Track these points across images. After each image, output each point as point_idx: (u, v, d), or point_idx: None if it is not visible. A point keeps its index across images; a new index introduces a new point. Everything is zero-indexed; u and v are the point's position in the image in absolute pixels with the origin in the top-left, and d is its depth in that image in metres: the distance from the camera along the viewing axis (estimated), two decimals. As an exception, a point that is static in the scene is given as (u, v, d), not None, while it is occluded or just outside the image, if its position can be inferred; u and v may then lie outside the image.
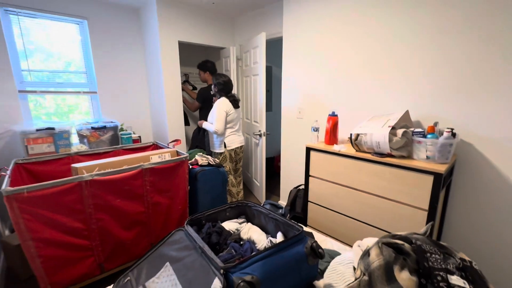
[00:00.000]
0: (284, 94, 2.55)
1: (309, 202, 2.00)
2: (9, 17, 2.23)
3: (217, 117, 2.33)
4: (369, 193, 1.57)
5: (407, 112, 1.61)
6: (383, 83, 1.80)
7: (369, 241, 1.07)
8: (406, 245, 0.84)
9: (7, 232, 2.20)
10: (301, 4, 2.21)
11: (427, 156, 1.38)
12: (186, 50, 3.36)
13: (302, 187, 2.37)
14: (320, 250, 0.99)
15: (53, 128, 2.11)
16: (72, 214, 1.40)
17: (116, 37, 2.80)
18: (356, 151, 1.65)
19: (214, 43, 3.07)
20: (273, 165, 4.03)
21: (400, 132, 1.44)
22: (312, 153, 1.89)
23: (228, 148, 2.45)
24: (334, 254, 1.23)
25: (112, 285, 1.08)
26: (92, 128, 2.33)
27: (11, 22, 2.25)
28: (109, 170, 1.50)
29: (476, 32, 1.39)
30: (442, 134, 1.38)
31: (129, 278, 1.09)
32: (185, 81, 3.43)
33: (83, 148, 2.26)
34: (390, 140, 1.43)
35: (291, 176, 2.66)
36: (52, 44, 2.49)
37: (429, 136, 1.38)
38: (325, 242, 1.38)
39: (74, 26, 2.58)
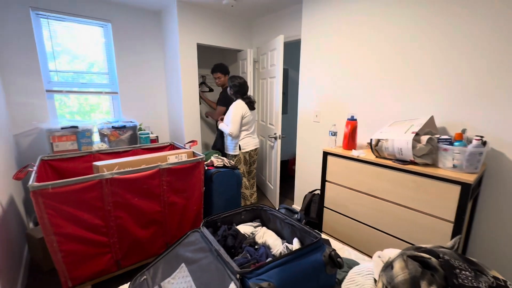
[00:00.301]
0: (301, 97, 2.52)
1: (324, 208, 1.95)
2: (39, 20, 2.35)
3: (232, 120, 2.34)
4: (389, 201, 1.51)
5: (431, 118, 1.54)
6: (404, 88, 1.74)
7: (391, 252, 1.02)
8: (433, 260, 0.80)
9: (31, 225, 2.31)
10: (321, 7, 2.18)
11: (454, 165, 1.30)
12: (203, 52, 3.40)
13: (317, 192, 2.32)
14: (339, 259, 0.95)
15: (76, 127, 2.20)
16: (92, 211, 1.44)
17: (138, 40, 2.88)
18: (376, 157, 1.59)
19: (231, 46, 3.09)
20: (286, 168, 4.00)
21: (424, 138, 1.37)
22: (329, 157, 1.85)
23: (242, 151, 2.45)
24: (351, 264, 1.19)
25: (129, 283, 1.09)
26: (113, 127, 2.41)
27: (41, 25, 2.37)
28: (129, 169, 1.54)
29: (504, 38, 1.31)
30: (470, 142, 1.30)
31: (145, 277, 1.10)
32: (202, 83, 3.47)
33: (104, 146, 2.33)
34: (413, 147, 1.36)
35: (306, 180, 2.61)
36: (77, 46, 2.60)
37: (456, 143, 1.31)
38: (342, 250, 1.33)
39: (98, 29, 2.68)
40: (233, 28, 3.07)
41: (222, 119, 2.60)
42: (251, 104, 2.44)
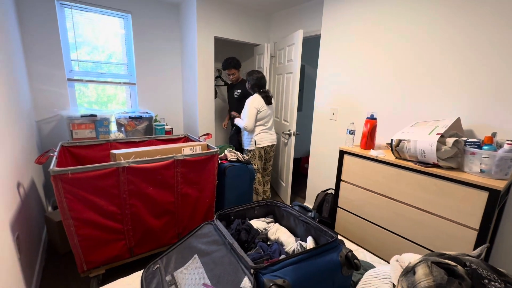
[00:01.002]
0: (317, 94, 2.47)
1: (338, 208, 1.91)
2: (63, 11, 2.41)
3: (247, 114, 2.33)
4: (408, 204, 1.46)
5: (458, 120, 1.46)
6: (426, 89, 1.66)
7: (410, 257, 0.98)
8: (460, 268, 0.75)
9: (49, 209, 2.39)
10: (343, 2, 2.11)
11: (481, 170, 1.23)
12: (219, 46, 3.39)
13: (331, 191, 2.27)
14: (356, 260, 0.92)
15: (95, 115, 2.25)
16: (108, 198, 1.46)
17: (157, 31, 2.90)
18: (396, 158, 1.53)
19: (249, 40, 3.06)
20: (299, 166, 3.95)
21: (450, 141, 1.30)
22: (345, 156, 1.80)
23: (258, 146, 2.43)
24: (367, 266, 1.16)
25: (142, 271, 1.11)
26: (130, 117, 2.44)
27: (65, 16, 2.42)
28: (145, 159, 1.55)
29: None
30: (501, 146, 1.23)
31: (158, 265, 1.11)
32: (218, 77, 3.47)
33: (121, 135, 2.38)
34: (438, 149, 1.30)
35: (319, 179, 2.57)
36: (97, 37, 2.65)
37: (485, 147, 1.24)
38: (356, 252, 1.30)
39: (118, 20, 2.72)
40: (251, 22, 3.03)
41: (234, 115, 2.63)
42: (267, 99, 2.40)
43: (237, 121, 2.50)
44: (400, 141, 1.48)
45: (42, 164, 1.48)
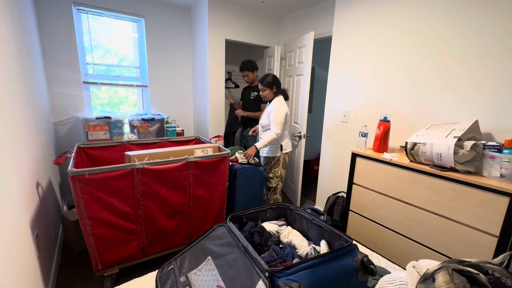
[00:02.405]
0: (328, 96, 2.45)
1: (350, 211, 1.89)
2: (80, 15, 2.48)
3: (279, 120, 2.09)
4: (424, 209, 1.42)
5: (476, 122, 1.42)
6: (443, 90, 1.62)
7: (428, 264, 0.96)
8: (482, 276, 0.73)
9: (65, 208, 2.46)
10: (355, 4, 2.09)
11: (501, 174, 1.20)
12: (230, 48, 3.42)
13: (342, 194, 2.25)
14: (372, 266, 0.91)
15: (109, 118, 2.30)
16: (123, 198, 1.49)
17: (169, 35, 2.95)
18: (411, 161, 1.50)
19: (259, 42, 3.07)
20: (308, 168, 3.93)
21: (468, 144, 1.27)
22: (358, 159, 1.78)
23: (284, 151, 2.25)
24: (382, 272, 1.14)
25: (157, 271, 1.12)
26: (142, 119, 2.49)
27: (81, 20, 2.50)
28: (158, 160, 1.58)
29: None
30: (523, 150, 1.19)
31: (172, 266, 1.12)
32: (228, 79, 3.49)
33: (134, 137, 2.42)
34: (455, 153, 1.27)
35: (329, 182, 2.54)
36: (110, 41, 2.71)
37: (505, 151, 1.20)
38: (371, 257, 1.27)
39: (131, 24, 2.78)
40: (261, 25, 3.04)
41: (253, 132, 2.39)
42: (287, 98, 2.25)
43: (262, 143, 2.13)
44: (415, 144, 1.45)
45: (60, 164, 1.52)
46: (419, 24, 1.71)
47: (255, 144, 2.14)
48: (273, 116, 2.11)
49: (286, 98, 2.26)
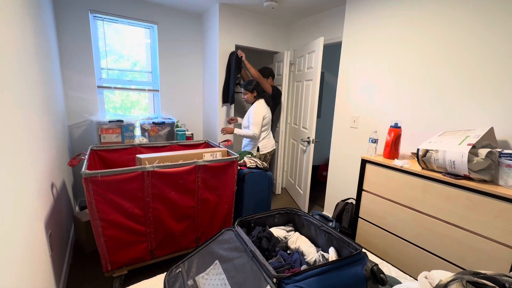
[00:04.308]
0: (338, 101, 2.44)
1: (359, 218, 1.86)
2: (96, 22, 2.57)
3: (256, 121, 2.38)
4: (436, 218, 1.39)
5: (491, 130, 1.39)
6: (456, 97, 1.59)
7: (441, 275, 0.93)
8: (498, 289, 0.70)
9: (77, 209, 2.52)
10: (365, 9, 2.09)
11: (518, 184, 1.16)
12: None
13: (351, 201, 2.22)
14: (382, 275, 0.89)
15: (122, 121, 2.36)
16: (133, 200, 1.52)
17: (180, 41, 3.02)
18: (423, 168, 1.47)
19: (268, 48, 3.10)
20: (316, 173, 3.89)
21: (483, 152, 1.24)
22: (368, 166, 1.76)
23: (260, 153, 2.49)
24: (392, 282, 1.11)
25: (165, 273, 1.13)
26: (153, 123, 2.54)
27: (97, 27, 2.59)
28: (168, 164, 1.60)
29: None
30: (541, 159, 1.15)
31: (180, 269, 1.13)
32: (237, 84, 3.52)
33: (144, 140, 2.47)
34: (469, 160, 1.24)
35: (338, 188, 2.52)
36: (123, 46, 2.79)
37: (523, 160, 1.16)
38: (381, 266, 1.25)
39: (144, 30, 2.86)
40: (271, 30, 3.07)
41: (230, 121, 2.64)
42: (268, 101, 2.51)
43: (240, 131, 2.49)
44: (427, 151, 1.42)
45: (74, 166, 1.57)
46: (433, 28, 1.69)
47: (235, 129, 2.50)
48: (252, 118, 2.39)
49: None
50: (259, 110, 2.41)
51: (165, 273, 1.13)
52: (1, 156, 0.86)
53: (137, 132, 2.63)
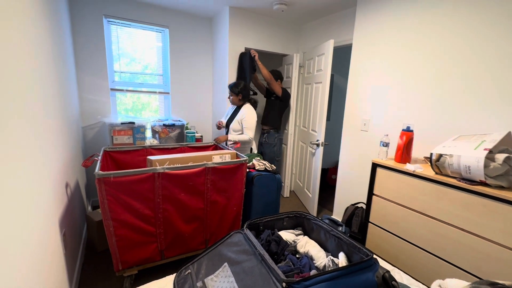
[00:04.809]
0: (348, 104, 2.41)
1: (369, 223, 1.82)
2: (110, 27, 2.64)
3: (252, 126, 2.43)
4: (450, 224, 1.35)
5: (508, 134, 1.34)
6: (471, 100, 1.55)
7: (455, 284, 0.90)
8: (517, 300, 0.68)
9: (89, 209, 2.58)
10: (376, 11, 2.07)
11: (538, 191, 1.11)
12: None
13: (361, 205, 2.18)
14: (394, 282, 0.87)
15: (133, 123, 2.41)
16: (144, 201, 1.55)
17: (191, 44, 3.06)
18: (436, 173, 1.44)
19: (278, 50, 3.10)
20: (325, 177, 3.86)
21: (500, 157, 1.20)
22: (378, 170, 1.73)
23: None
24: (404, 289, 1.08)
25: (175, 274, 1.14)
26: (164, 125, 2.58)
27: (111, 31, 2.66)
28: (178, 165, 1.62)
29: None
30: None
31: (189, 271, 1.14)
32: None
33: (155, 142, 2.51)
34: (485, 166, 1.20)
35: (348, 192, 2.48)
36: (135, 49, 2.86)
37: (543, 166, 1.12)
38: (392, 273, 1.22)
39: (155, 34, 2.92)
40: (280, 33, 3.08)
41: (220, 125, 2.59)
42: (256, 105, 2.57)
43: (235, 137, 2.43)
44: (441, 155, 1.39)
45: (88, 167, 1.61)
46: (445, 31, 1.65)
47: (228, 135, 2.46)
48: (246, 122, 2.42)
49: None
50: (252, 115, 2.45)
51: (174, 274, 1.14)
52: (21, 156, 0.90)
53: (148, 133, 2.68)
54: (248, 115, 2.43)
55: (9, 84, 0.84)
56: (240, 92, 2.45)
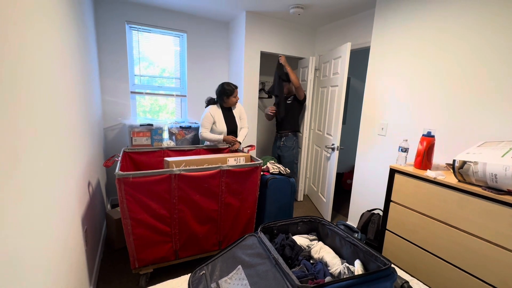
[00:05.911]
0: (365, 108, 2.36)
1: (386, 231, 1.77)
2: (131, 32, 2.75)
3: (246, 117, 2.51)
4: (474, 235, 1.28)
5: (540, 141, 1.26)
6: (497, 104, 1.47)
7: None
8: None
9: (109, 207, 2.67)
10: (396, 12, 2.02)
11: None
12: (263, 58, 3.48)
13: (377, 211, 2.13)
14: (413, 293, 0.84)
15: (151, 125, 2.48)
16: (161, 202, 1.59)
17: (207, 48, 3.12)
18: (459, 181, 1.37)
19: (294, 54, 3.10)
20: (340, 181, 3.78)
21: (531, 166, 1.13)
22: (397, 176, 1.68)
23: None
24: (424, 301, 1.04)
25: (189, 274, 1.16)
26: (180, 127, 2.64)
27: (132, 36, 2.77)
28: (194, 167, 1.66)
29: None
30: None
31: (204, 272, 1.16)
32: (261, 89, 3.56)
33: (172, 144, 2.57)
34: (514, 175, 1.13)
35: (363, 197, 2.42)
36: (154, 54, 2.95)
37: None
38: (410, 283, 1.18)
39: (173, 38, 3.00)
40: (296, 36, 3.08)
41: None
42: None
43: (243, 136, 2.47)
44: (464, 162, 1.33)
45: (109, 167, 1.68)
46: (472, 33, 1.59)
47: (239, 140, 2.41)
48: (244, 115, 2.49)
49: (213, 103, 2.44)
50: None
51: (189, 274, 1.16)
52: (49, 155, 0.95)
53: (165, 135, 2.75)
54: (243, 111, 2.51)
55: (52, 91, 0.90)
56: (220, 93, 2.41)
